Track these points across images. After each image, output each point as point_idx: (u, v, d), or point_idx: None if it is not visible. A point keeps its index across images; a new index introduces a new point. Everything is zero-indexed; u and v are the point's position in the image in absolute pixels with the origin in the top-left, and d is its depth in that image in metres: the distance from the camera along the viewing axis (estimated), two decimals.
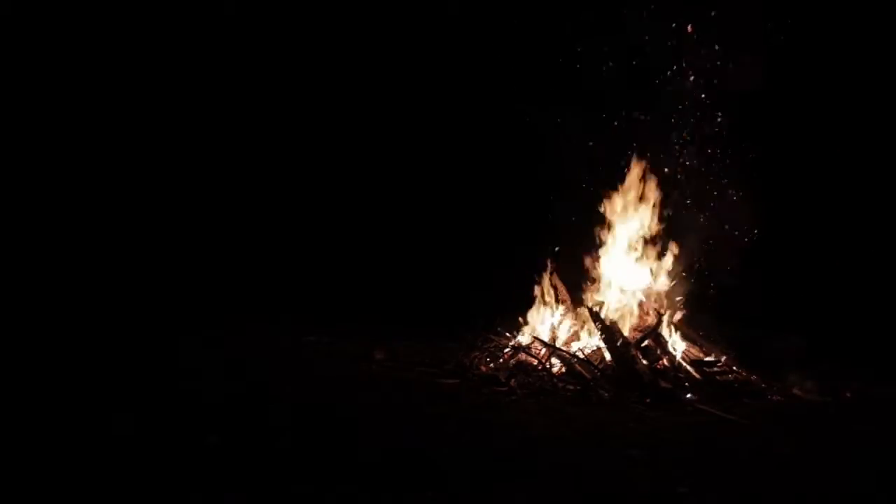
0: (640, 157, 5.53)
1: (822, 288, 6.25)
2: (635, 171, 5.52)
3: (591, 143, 5.81)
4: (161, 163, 7.33)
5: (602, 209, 5.61)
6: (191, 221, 7.26)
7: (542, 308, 5.53)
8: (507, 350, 5.25)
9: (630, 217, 5.55)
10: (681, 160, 5.64)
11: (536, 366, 4.88)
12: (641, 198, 5.53)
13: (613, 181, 5.61)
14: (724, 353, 5.10)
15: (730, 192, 5.63)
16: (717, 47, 5.64)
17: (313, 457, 3.06)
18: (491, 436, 3.58)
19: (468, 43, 7.06)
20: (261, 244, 7.31)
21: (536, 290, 5.58)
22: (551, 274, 5.58)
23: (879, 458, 3.43)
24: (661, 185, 5.55)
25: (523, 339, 5.38)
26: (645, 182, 5.53)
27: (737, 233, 5.48)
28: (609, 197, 5.60)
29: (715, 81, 5.67)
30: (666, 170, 5.56)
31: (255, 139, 7.56)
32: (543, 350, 5.06)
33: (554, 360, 4.97)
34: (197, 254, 7.09)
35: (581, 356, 4.93)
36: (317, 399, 4.10)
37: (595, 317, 5.06)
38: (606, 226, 5.60)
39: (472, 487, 2.79)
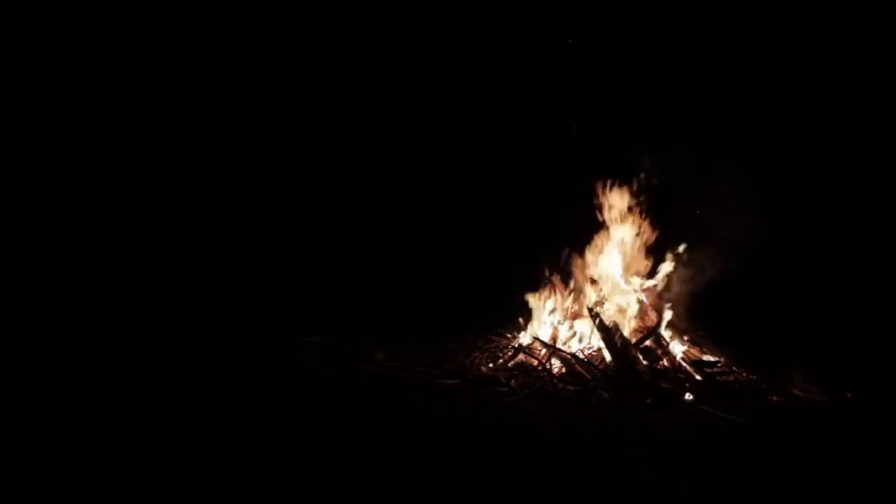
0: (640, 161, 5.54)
1: (821, 288, 6.25)
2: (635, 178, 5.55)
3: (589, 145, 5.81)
4: (159, 163, 7.32)
5: (602, 210, 5.62)
6: (189, 221, 7.25)
7: (542, 308, 5.52)
8: (507, 350, 5.25)
9: (631, 218, 5.55)
10: (679, 163, 5.65)
11: (537, 366, 4.87)
12: (642, 200, 5.54)
13: (613, 183, 5.63)
14: (723, 354, 5.10)
15: (729, 193, 5.64)
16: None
17: (313, 457, 3.06)
18: (491, 436, 3.58)
19: (468, 44, 7.06)
20: (261, 244, 7.31)
21: (537, 291, 5.58)
22: (552, 274, 5.58)
23: (880, 459, 3.43)
24: (662, 189, 5.56)
25: (523, 339, 5.38)
26: (645, 186, 5.54)
27: (736, 234, 5.48)
28: (609, 198, 5.61)
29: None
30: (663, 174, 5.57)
31: (255, 140, 7.56)
32: (544, 350, 5.06)
33: (554, 361, 4.97)
34: (196, 254, 7.09)
35: (581, 357, 4.93)
36: (317, 399, 4.10)
37: (595, 317, 5.07)
38: (607, 227, 5.61)
39: (472, 487, 2.79)
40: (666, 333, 5.13)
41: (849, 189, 6.51)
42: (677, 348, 5.08)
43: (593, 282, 5.48)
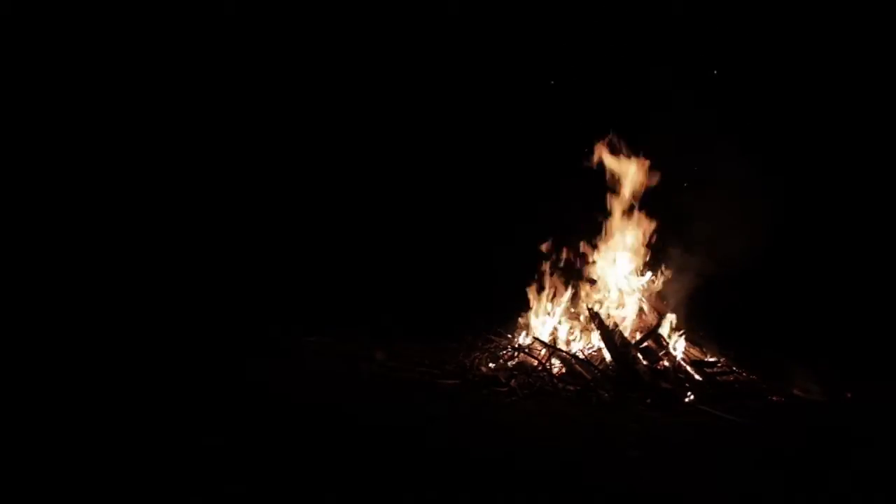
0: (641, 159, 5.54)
1: (822, 288, 6.25)
2: (634, 172, 5.54)
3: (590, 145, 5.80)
4: (159, 163, 7.32)
5: (602, 210, 5.62)
6: (189, 221, 7.25)
7: (542, 308, 5.52)
8: (507, 351, 5.25)
9: (631, 218, 5.55)
10: (681, 162, 5.65)
11: (537, 366, 4.87)
12: (641, 199, 5.54)
13: (613, 182, 5.63)
14: (723, 354, 5.10)
15: (729, 192, 5.64)
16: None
17: (313, 457, 3.06)
18: (491, 436, 3.58)
19: (468, 43, 7.06)
20: (261, 245, 7.31)
21: (536, 291, 5.58)
22: (551, 274, 5.58)
23: (880, 459, 3.43)
24: (661, 188, 5.56)
25: (523, 339, 5.38)
26: (644, 184, 5.54)
27: (737, 234, 5.49)
28: (609, 198, 5.61)
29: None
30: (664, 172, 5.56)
31: (254, 140, 7.56)
32: (543, 350, 5.06)
33: (554, 361, 4.97)
34: (196, 254, 7.09)
35: (581, 357, 4.93)
36: (317, 399, 4.10)
37: (595, 317, 5.06)
38: (607, 226, 5.61)
39: (472, 487, 2.79)
40: (666, 333, 5.13)
41: (850, 189, 6.51)
42: (677, 348, 5.08)
43: (592, 282, 5.48)
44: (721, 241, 5.22)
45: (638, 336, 5.02)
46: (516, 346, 5.25)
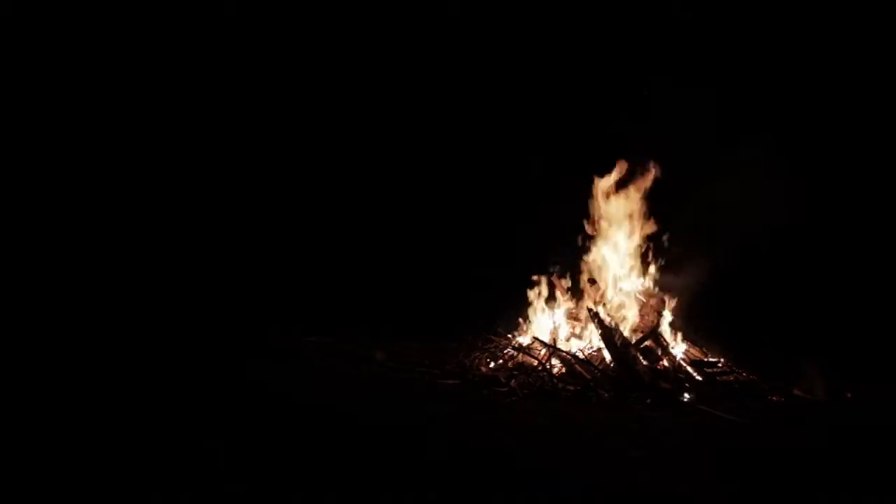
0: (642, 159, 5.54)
1: (823, 288, 6.25)
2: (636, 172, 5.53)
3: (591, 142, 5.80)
4: (160, 164, 7.32)
5: (603, 210, 5.62)
6: (190, 223, 7.26)
7: (541, 309, 5.52)
8: (507, 351, 5.24)
9: (631, 218, 5.55)
10: (682, 161, 5.64)
11: (537, 366, 4.87)
12: (642, 199, 5.54)
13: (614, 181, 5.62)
14: (723, 354, 5.10)
15: (733, 191, 5.65)
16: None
17: (313, 457, 3.06)
18: (491, 436, 3.58)
19: (468, 44, 7.07)
20: (262, 246, 7.31)
21: (536, 291, 5.59)
22: (551, 274, 5.58)
23: (880, 459, 3.43)
24: (662, 187, 5.55)
25: (523, 339, 5.38)
26: (645, 183, 5.53)
27: (738, 233, 5.48)
28: (610, 198, 5.60)
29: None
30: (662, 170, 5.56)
31: (254, 142, 7.56)
32: (544, 351, 5.06)
33: (554, 361, 4.97)
34: (197, 255, 7.09)
35: (581, 357, 4.93)
36: (317, 399, 4.10)
37: (595, 317, 5.06)
38: (607, 226, 5.60)
39: (472, 488, 2.78)
40: (666, 333, 5.13)
41: (852, 190, 6.51)
42: (677, 348, 5.08)
43: (592, 282, 5.48)
44: (721, 241, 5.22)
45: (638, 336, 5.01)
46: (516, 346, 5.25)
